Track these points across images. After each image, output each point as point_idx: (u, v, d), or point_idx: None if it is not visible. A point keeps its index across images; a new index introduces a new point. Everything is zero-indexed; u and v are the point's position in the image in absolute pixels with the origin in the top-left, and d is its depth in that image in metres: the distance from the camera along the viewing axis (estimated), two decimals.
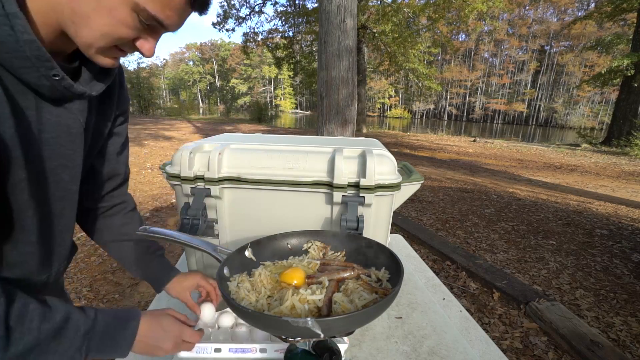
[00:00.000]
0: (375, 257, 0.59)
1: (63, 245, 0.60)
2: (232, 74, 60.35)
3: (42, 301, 0.44)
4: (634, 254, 2.96)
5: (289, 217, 0.79)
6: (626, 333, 1.95)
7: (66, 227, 0.59)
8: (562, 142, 14.41)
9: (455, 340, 0.75)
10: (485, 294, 2.32)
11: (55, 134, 0.49)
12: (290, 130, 15.59)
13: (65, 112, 0.49)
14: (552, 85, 46.48)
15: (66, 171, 0.53)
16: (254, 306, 0.48)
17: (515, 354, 1.78)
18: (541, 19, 46.21)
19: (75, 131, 0.52)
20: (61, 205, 0.54)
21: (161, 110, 24.89)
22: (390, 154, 0.78)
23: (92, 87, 0.51)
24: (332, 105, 5.73)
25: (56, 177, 0.51)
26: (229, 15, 13.63)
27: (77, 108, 0.51)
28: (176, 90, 64.62)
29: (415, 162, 7.85)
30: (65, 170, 0.53)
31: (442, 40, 13.75)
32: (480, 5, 9.71)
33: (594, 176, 6.82)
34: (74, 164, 0.54)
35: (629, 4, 11.48)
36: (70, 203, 0.57)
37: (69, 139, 0.51)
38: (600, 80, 12.64)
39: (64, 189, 0.54)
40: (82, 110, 0.52)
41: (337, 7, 5.31)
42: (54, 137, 0.49)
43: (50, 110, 0.47)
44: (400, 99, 51.97)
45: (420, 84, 13.84)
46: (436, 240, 3.08)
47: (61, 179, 0.52)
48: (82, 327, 0.45)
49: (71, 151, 0.52)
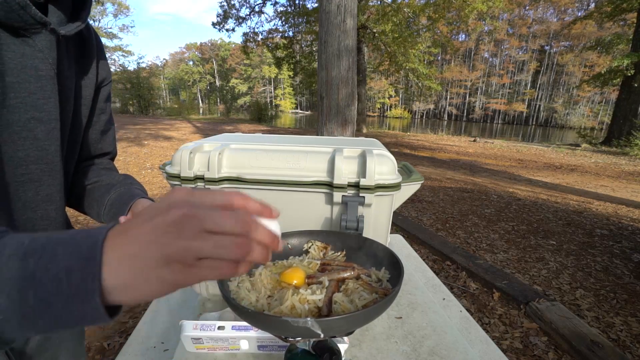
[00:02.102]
0: (375, 257, 0.59)
1: (47, 220, 0.50)
2: (232, 74, 60.36)
3: None
4: (634, 254, 2.96)
5: (289, 217, 0.79)
6: (626, 333, 1.95)
7: (48, 198, 0.50)
8: (562, 142, 14.40)
9: (455, 340, 0.75)
10: (485, 294, 2.32)
11: (20, 77, 0.42)
12: (290, 130, 15.58)
13: (30, 51, 0.42)
14: (552, 85, 46.49)
15: (40, 126, 0.45)
16: (254, 306, 0.48)
17: (515, 354, 1.78)
18: (541, 19, 46.23)
19: (45, 74, 0.44)
20: (38, 168, 0.46)
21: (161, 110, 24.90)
22: (390, 154, 0.78)
23: (61, 24, 0.45)
24: (332, 105, 5.74)
25: (29, 133, 0.44)
26: (229, 15, 13.65)
27: (44, 44, 0.44)
28: (176, 90, 64.64)
29: (415, 162, 7.85)
30: (39, 126, 0.45)
31: (442, 40, 13.76)
32: (480, 5, 9.71)
33: (594, 176, 6.82)
34: (48, 118, 0.46)
35: (629, 4, 11.49)
36: (50, 167, 0.48)
37: (38, 85, 0.44)
38: (600, 80, 12.65)
39: (39, 148, 0.46)
40: (50, 48, 0.44)
41: (337, 7, 5.31)
42: (20, 81, 0.42)
43: (11, 47, 0.41)
44: (400, 99, 51.99)
45: (420, 84, 13.84)
46: (436, 240, 3.08)
47: (35, 135, 0.45)
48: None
49: (43, 100, 0.45)
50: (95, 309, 0.25)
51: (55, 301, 0.24)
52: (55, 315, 0.24)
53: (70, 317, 0.25)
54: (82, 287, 0.24)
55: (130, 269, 0.25)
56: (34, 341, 0.54)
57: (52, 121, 0.47)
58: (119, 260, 0.25)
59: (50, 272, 0.24)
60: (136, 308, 2.11)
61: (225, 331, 0.66)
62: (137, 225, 0.26)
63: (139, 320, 0.89)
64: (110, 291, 0.25)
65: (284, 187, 0.76)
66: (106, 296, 0.25)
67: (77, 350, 0.65)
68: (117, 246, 0.26)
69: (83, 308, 0.25)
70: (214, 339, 0.67)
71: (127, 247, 0.25)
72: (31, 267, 0.24)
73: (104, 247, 0.25)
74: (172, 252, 0.25)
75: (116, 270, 0.25)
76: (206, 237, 0.25)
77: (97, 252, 0.25)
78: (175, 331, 0.84)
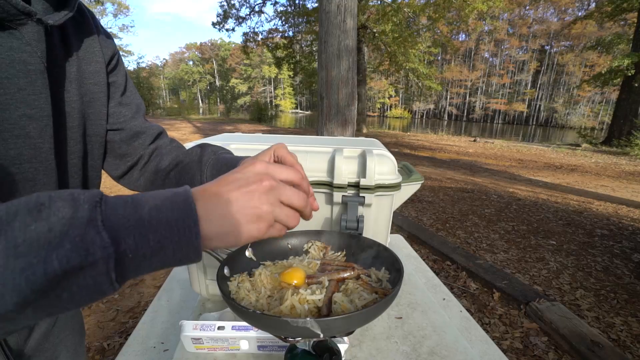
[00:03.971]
0: (375, 257, 0.59)
1: None
2: (232, 73, 60.37)
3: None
4: (634, 254, 2.96)
5: None
6: (626, 333, 1.95)
7: None
8: (562, 142, 14.40)
9: (455, 340, 0.75)
10: (485, 294, 2.32)
11: (9, 72, 0.40)
12: (290, 130, 15.58)
13: (17, 44, 0.40)
14: (552, 85, 46.49)
15: (32, 124, 0.43)
16: (254, 306, 0.48)
17: (515, 354, 1.78)
18: (541, 19, 46.23)
19: (34, 68, 0.42)
20: (32, 167, 0.45)
21: (161, 110, 24.93)
22: (390, 154, 0.78)
23: (46, 13, 0.43)
24: (332, 105, 5.74)
25: (21, 130, 0.42)
26: (229, 15, 13.65)
27: (31, 36, 0.41)
28: (176, 90, 64.68)
29: (416, 162, 7.85)
30: (31, 123, 0.43)
31: (442, 40, 13.77)
32: (480, 5, 9.71)
33: (594, 176, 6.82)
34: (40, 114, 0.44)
35: (629, 4, 11.48)
36: (45, 165, 0.46)
37: (27, 80, 0.42)
38: (601, 80, 12.64)
39: (32, 146, 0.44)
40: (38, 40, 0.42)
41: (337, 7, 5.31)
42: (9, 77, 0.40)
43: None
44: (400, 99, 52.00)
45: (421, 84, 13.85)
46: (436, 240, 3.08)
47: (27, 133, 0.43)
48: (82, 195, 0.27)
49: (33, 96, 0.43)
50: (196, 250, 0.30)
51: (168, 244, 0.29)
52: (166, 256, 0.29)
53: (176, 257, 0.30)
54: (187, 232, 0.29)
55: (226, 224, 0.32)
56: (33, 340, 0.53)
57: (44, 118, 0.45)
58: (218, 216, 0.32)
59: (161, 220, 0.29)
60: (136, 308, 2.11)
61: (225, 331, 0.66)
62: (232, 189, 0.33)
63: (139, 320, 0.89)
64: (204, 238, 0.31)
65: None
66: (201, 242, 0.31)
67: (77, 350, 0.64)
68: (212, 204, 0.32)
69: (187, 250, 0.30)
70: (214, 339, 0.67)
71: (225, 207, 0.32)
72: (146, 215, 0.28)
73: (195, 202, 0.31)
74: (262, 213, 0.33)
75: (213, 223, 0.31)
76: (282, 207, 0.35)
77: (192, 205, 0.30)
78: (175, 331, 0.84)
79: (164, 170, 0.64)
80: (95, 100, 0.54)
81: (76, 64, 0.50)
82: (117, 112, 0.60)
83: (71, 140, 0.51)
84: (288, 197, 0.36)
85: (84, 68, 0.52)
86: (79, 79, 0.51)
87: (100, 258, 0.25)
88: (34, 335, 0.53)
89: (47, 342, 0.56)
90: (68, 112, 0.49)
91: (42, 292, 0.24)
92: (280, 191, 0.35)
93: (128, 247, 0.27)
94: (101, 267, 0.25)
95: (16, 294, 0.23)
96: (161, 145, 0.68)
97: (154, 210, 0.29)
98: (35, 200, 0.25)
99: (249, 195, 0.33)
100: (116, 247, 0.26)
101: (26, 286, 0.23)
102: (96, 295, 0.27)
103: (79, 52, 0.51)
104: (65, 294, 0.25)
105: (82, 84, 0.52)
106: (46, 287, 0.24)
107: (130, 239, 0.27)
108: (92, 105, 0.54)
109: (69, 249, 0.24)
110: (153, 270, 0.30)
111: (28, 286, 0.23)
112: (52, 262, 0.23)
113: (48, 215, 0.24)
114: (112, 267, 0.26)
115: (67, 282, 0.24)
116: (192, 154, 0.63)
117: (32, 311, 0.25)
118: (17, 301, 0.23)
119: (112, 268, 0.26)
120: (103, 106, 0.56)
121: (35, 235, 0.23)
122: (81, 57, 0.51)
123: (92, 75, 0.53)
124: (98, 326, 1.93)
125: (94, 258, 0.25)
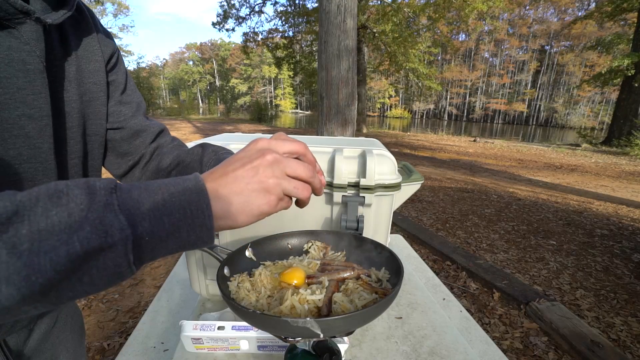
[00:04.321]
0: (375, 257, 0.59)
1: None
2: (232, 73, 60.36)
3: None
4: (634, 254, 2.96)
5: (289, 217, 0.79)
6: (627, 333, 1.95)
7: None
8: (562, 142, 14.40)
9: (455, 340, 0.75)
10: (485, 294, 2.32)
11: (8, 72, 0.40)
12: (290, 130, 15.59)
13: (16, 43, 0.40)
14: (552, 85, 46.48)
15: (31, 124, 0.43)
16: (254, 306, 0.48)
17: (515, 354, 1.78)
18: (541, 19, 46.23)
19: (33, 68, 0.42)
20: (31, 167, 0.45)
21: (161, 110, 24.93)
22: (391, 154, 0.78)
23: (45, 12, 0.42)
24: (332, 105, 5.74)
25: (20, 130, 0.42)
26: (229, 15, 13.65)
27: (30, 36, 0.41)
28: (176, 90, 64.67)
29: (416, 162, 7.85)
30: (30, 123, 0.43)
31: (442, 40, 13.77)
32: (480, 5, 9.71)
33: (594, 176, 6.82)
34: (40, 114, 0.44)
35: (629, 4, 11.48)
36: (44, 165, 0.46)
37: (26, 80, 0.42)
38: (601, 80, 12.64)
39: (32, 146, 0.44)
40: (37, 40, 0.42)
41: (337, 7, 5.31)
42: (8, 76, 0.40)
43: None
44: (400, 99, 51.99)
45: (421, 84, 13.85)
46: (436, 240, 3.08)
47: (26, 133, 0.43)
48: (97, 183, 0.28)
49: (32, 96, 0.42)
50: (209, 230, 0.31)
51: (182, 226, 0.30)
52: (181, 238, 0.30)
53: (190, 239, 0.31)
54: (200, 214, 0.30)
55: (235, 201, 0.33)
56: (33, 341, 0.53)
57: (43, 118, 0.44)
58: (227, 194, 0.33)
59: (174, 203, 0.30)
60: (136, 308, 2.11)
61: (225, 331, 0.66)
62: (237, 167, 0.34)
63: (139, 320, 0.89)
64: (217, 220, 0.32)
65: None
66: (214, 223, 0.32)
67: (76, 351, 0.64)
68: (220, 185, 0.33)
69: (201, 231, 0.31)
70: (214, 339, 0.67)
71: (232, 185, 0.33)
72: (159, 200, 0.29)
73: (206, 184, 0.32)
74: (269, 186, 0.34)
75: (223, 201, 0.32)
76: (289, 179, 0.36)
77: (203, 188, 0.31)
78: (175, 331, 0.84)
79: (165, 170, 0.64)
80: (94, 99, 0.54)
81: (75, 63, 0.50)
82: (117, 110, 0.60)
83: (71, 140, 0.50)
84: (293, 168, 0.36)
85: (83, 67, 0.52)
86: (78, 78, 0.51)
87: (119, 240, 0.26)
88: (33, 336, 0.53)
89: (47, 343, 0.56)
90: (67, 111, 0.49)
91: (65, 274, 0.25)
92: (284, 164, 0.36)
93: (144, 229, 0.28)
94: (120, 249, 0.26)
95: (41, 276, 0.24)
96: (162, 143, 0.68)
97: (167, 195, 0.30)
98: (54, 187, 0.26)
99: (254, 171, 0.34)
100: (133, 230, 0.27)
101: (50, 267, 0.24)
102: (115, 278, 0.27)
103: (78, 51, 0.51)
104: (86, 277, 0.26)
105: (82, 83, 0.51)
106: (69, 269, 0.25)
107: (146, 222, 0.28)
108: (91, 105, 0.53)
109: (88, 231, 0.25)
110: (168, 252, 0.31)
111: (52, 267, 0.24)
112: (74, 243, 0.24)
113: (67, 202, 0.25)
114: (130, 249, 0.27)
115: (88, 265, 0.25)
116: (194, 153, 0.63)
117: (55, 295, 0.25)
118: (42, 282, 0.24)
119: (130, 250, 0.27)
120: (103, 105, 0.56)
121: (56, 220, 0.24)
122: (80, 56, 0.51)
123: (92, 74, 0.53)
124: (98, 326, 1.93)
125: (113, 240, 0.26)
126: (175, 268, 1.15)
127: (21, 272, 0.23)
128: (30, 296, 0.24)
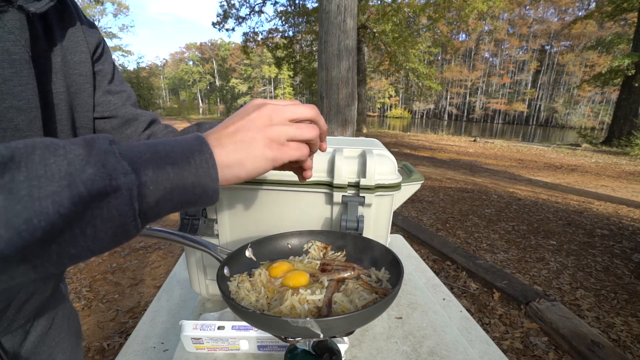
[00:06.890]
0: (375, 257, 0.59)
1: None
2: (232, 73, 60.33)
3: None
4: (634, 254, 2.96)
5: (289, 217, 0.79)
6: (627, 333, 1.95)
7: None
8: (562, 142, 14.40)
9: (455, 340, 0.75)
10: (485, 294, 2.32)
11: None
12: None
13: (0, 32, 0.39)
14: (552, 85, 46.48)
15: (20, 116, 0.42)
16: (254, 306, 0.48)
17: (515, 354, 1.78)
18: (542, 19, 46.23)
19: (19, 58, 0.41)
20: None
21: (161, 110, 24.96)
22: (391, 154, 0.78)
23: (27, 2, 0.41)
24: (332, 105, 5.74)
25: (9, 123, 0.41)
26: (229, 14, 13.64)
27: (14, 25, 0.40)
28: (176, 90, 64.68)
29: (416, 162, 7.85)
30: (19, 115, 0.41)
31: (442, 40, 13.76)
32: (480, 4, 9.71)
33: (594, 176, 6.82)
34: (29, 106, 0.42)
35: (629, 4, 11.48)
36: None
37: (12, 70, 0.40)
38: (601, 80, 12.64)
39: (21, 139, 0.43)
40: (21, 29, 0.41)
41: (337, 7, 5.31)
42: None
43: None
44: (400, 99, 51.99)
45: (421, 84, 13.84)
46: (436, 240, 3.08)
47: (15, 126, 0.41)
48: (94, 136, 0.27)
49: (20, 87, 0.41)
50: (213, 181, 0.31)
51: (187, 175, 0.29)
52: (186, 190, 0.29)
53: (196, 192, 0.30)
54: (204, 163, 0.30)
55: (239, 148, 0.33)
56: (29, 343, 0.53)
57: (32, 109, 0.43)
58: (230, 142, 0.33)
59: (177, 152, 0.29)
60: (136, 308, 2.11)
61: (225, 331, 0.66)
62: (236, 120, 0.35)
63: (139, 320, 0.89)
64: (222, 169, 0.32)
65: (284, 187, 0.76)
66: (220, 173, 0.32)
67: (73, 354, 0.64)
68: (221, 135, 0.34)
69: (206, 181, 0.30)
70: (214, 339, 0.67)
71: (234, 135, 0.34)
72: (161, 150, 0.29)
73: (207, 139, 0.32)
74: (271, 134, 0.35)
75: (226, 148, 0.33)
76: (290, 124, 0.36)
77: (204, 139, 0.32)
78: (175, 331, 0.84)
79: None
80: (81, 91, 0.53)
81: (60, 54, 0.49)
82: (106, 100, 0.59)
83: (61, 133, 0.50)
84: (294, 112, 0.37)
85: (69, 58, 0.51)
86: (64, 70, 0.50)
87: (124, 184, 0.25)
88: (30, 338, 0.53)
89: (44, 345, 0.56)
90: (56, 103, 0.48)
91: (68, 220, 0.23)
92: (282, 110, 0.36)
93: (148, 178, 0.27)
94: (125, 194, 0.25)
95: (44, 219, 0.22)
96: (156, 131, 0.67)
97: (169, 147, 0.29)
98: (50, 141, 0.25)
99: (253, 122, 0.35)
100: (137, 176, 0.26)
101: (53, 210, 0.22)
102: (120, 233, 0.26)
103: (63, 43, 0.50)
104: (89, 230, 0.25)
105: (68, 74, 0.50)
106: (72, 213, 0.23)
107: (149, 170, 0.27)
108: (78, 97, 0.53)
109: (92, 173, 0.24)
110: (173, 208, 0.30)
111: (55, 210, 0.23)
112: (78, 185, 0.23)
113: (65, 153, 0.24)
114: (135, 195, 0.26)
115: (92, 212, 0.24)
116: (190, 131, 0.63)
117: (57, 250, 0.24)
118: (45, 226, 0.22)
119: (135, 197, 0.26)
120: (89, 97, 0.55)
121: (56, 168, 0.23)
122: (65, 47, 0.50)
123: (77, 65, 0.52)
124: (98, 326, 1.93)
125: (117, 183, 0.25)
126: (175, 268, 1.15)
127: (21, 215, 0.22)
128: (32, 245, 0.22)
